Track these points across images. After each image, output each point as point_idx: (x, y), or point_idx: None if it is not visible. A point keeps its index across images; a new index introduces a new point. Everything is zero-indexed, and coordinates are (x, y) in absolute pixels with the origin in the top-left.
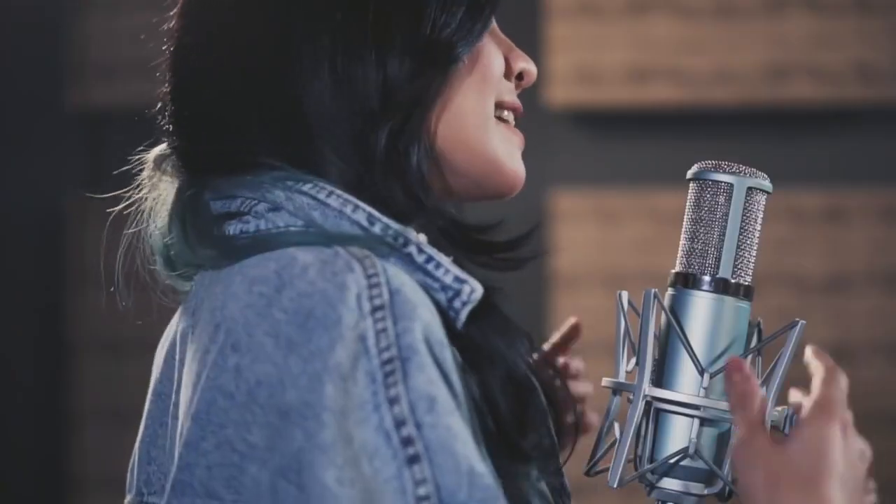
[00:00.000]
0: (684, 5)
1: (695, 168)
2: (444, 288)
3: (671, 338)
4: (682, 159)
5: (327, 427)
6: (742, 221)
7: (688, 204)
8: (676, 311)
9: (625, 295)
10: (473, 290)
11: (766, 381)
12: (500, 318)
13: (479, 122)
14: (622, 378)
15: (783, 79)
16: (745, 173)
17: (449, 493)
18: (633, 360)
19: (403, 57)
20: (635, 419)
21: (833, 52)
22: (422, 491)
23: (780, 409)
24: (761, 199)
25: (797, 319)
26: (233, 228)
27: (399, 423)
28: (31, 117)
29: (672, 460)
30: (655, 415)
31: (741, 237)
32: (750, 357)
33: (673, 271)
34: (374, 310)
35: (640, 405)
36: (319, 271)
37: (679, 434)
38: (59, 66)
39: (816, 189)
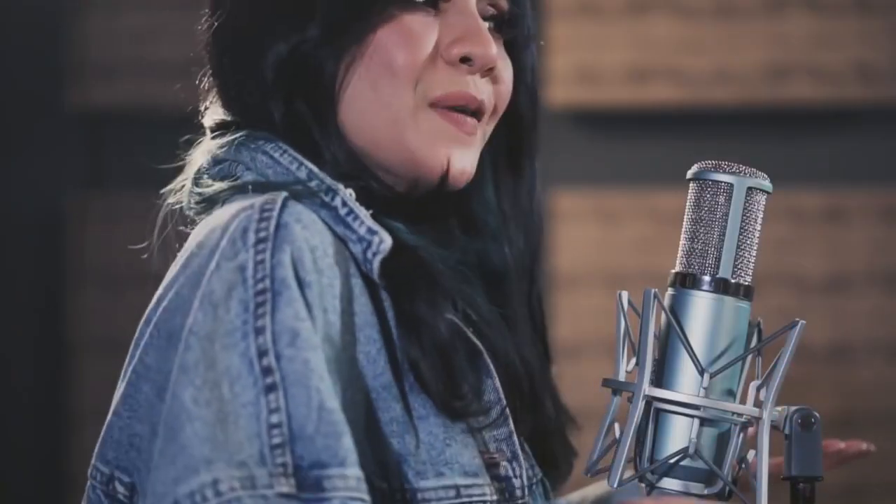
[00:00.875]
0: (684, 5)
1: (695, 168)
2: (360, 239)
3: (671, 338)
4: (682, 159)
5: (192, 350)
6: (742, 221)
7: (688, 204)
8: (676, 311)
9: (625, 295)
10: (382, 240)
11: (766, 381)
12: (421, 278)
13: (392, 116)
14: (622, 378)
15: (783, 79)
16: (745, 173)
17: (299, 424)
18: (633, 360)
19: (288, 39)
20: (635, 419)
21: (833, 52)
22: (274, 419)
23: (780, 409)
24: (761, 199)
25: (797, 319)
26: (215, 187)
27: (261, 353)
28: (31, 117)
29: (672, 460)
30: (655, 415)
31: (741, 237)
32: (750, 357)
33: (673, 271)
34: (258, 242)
35: (640, 405)
36: (231, 211)
37: (679, 434)
38: (59, 66)
39: (816, 189)
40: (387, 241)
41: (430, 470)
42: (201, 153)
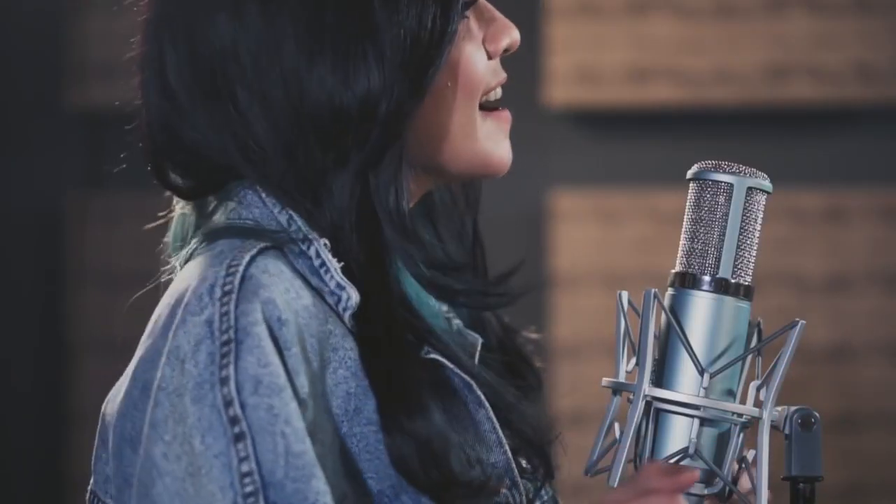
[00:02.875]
0: (684, 5)
1: (695, 168)
2: (331, 292)
3: (671, 338)
4: (682, 159)
5: (160, 405)
6: (742, 221)
7: (688, 204)
8: (676, 311)
9: (625, 295)
10: (349, 297)
11: (766, 381)
12: (385, 331)
13: (464, 131)
14: (622, 378)
15: (783, 79)
16: (745, 173)
17: (268, 470)
18: (633, 360)
19: (367, 74)
20: (635, 419)
21: (833, 52)
22: (245, 467)
23: (780, 409)
24: (761, 199)
25: (797, 319)
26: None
27: (227, 403)
28: (31, 117)
29: (672, 460)
30: (655, 415)
31: (741, 237)
32: (750, 357)
33: (673, 271)
34: (223, 295)
35: (640, 405)
36: (203, 262)
37: (679, 434)
38: (59, 66)
39: (816, 189)
40: (354, 298)
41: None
42: (180, 215)
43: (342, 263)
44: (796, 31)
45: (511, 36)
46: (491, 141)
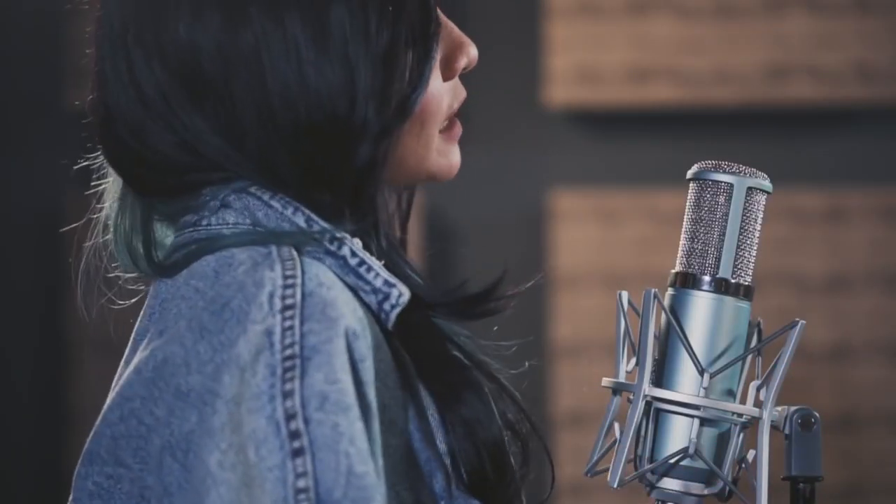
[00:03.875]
0: (684, 5)
1: (695, 168)
2: (375, 291)
3: (671, 338)
4: (682, 159)
5: (218, 413)
6: (742, 221)
7: (688, 204)
8: (676, 311)
9: (625, 295)
10: (401, 293)
11: (766, 381)
12: (430, 338)
13: (421, 153)
14: (622, 378)
15: (783, 79)
16: (745, 173)
17: (326, 488)
18: (633, 360)
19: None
20: (635, 419)
21: (833, 52)
22: (301, 483)
23: (780, 409)
24: (761, 199)
25: (797, 319)
26: (185, 238)
27: (289, 416)
28: (31, 117)
29: (672, 460)
30: (655, 415)
31: (741, 237)
32: (750, 357)
33: (673, 271)
34: (285, 308)
35: (640, 405)
36: (247, 269)
37: (679, 434)
38: (59, 66)
39: (816, 189)
40: (406, 294)
41: None
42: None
43: (382, 261)
44: (796, 31)
45: (468, 55)
46: (443, 157)
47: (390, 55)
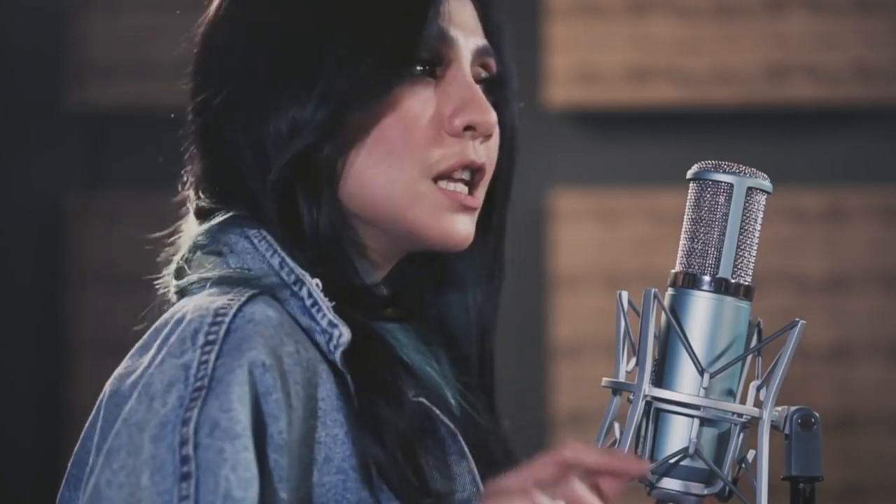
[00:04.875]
0: (684, 5)
1: (695, 168)
2: (322, 331)
3: (671, 338)
4: (682, 159)
5: (118, 436)
6: (742, 221)
7: (688, 204)
8: (676, 311)
9: (625, 295)
10: (342, 334)
11: (766, 381)
12: (382, 371)
13: (393, 195)
14: (622, 378)
15: (783, 79)
16: (745, 173)
17: None
18: (633, 360)
19: (296, 113)
20: (635, 419)
21: (833, 52)
22: None
23: (780, 409)
24: (761, 199)
25: (797, 319)
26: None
27: (183, 442)
28: (31, 117)
29: (672, 460)
30: (655, 415)
31: (741, 237)
32: (750, 357)
33: (673, 271)
34: (206, 343)
35: (640, 405)
36: (194, 306)
37: (679, 434)
38: (59, 66)
39: (816, 189)
40: (346, 335)
41: None
42: (186, 238)
43: (334, 303)
44: (796, 31)
45: (472, 116)
46: (429, 215)
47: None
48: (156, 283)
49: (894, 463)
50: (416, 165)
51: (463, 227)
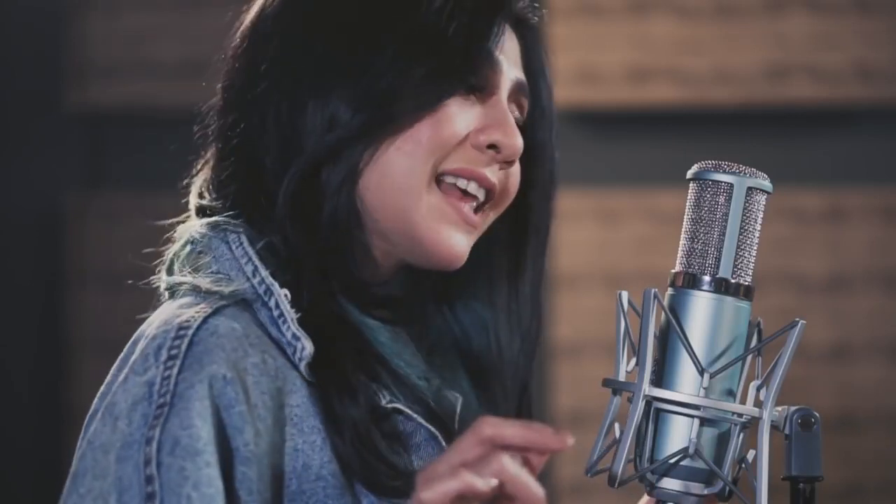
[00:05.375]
0: (684, 5)
1: (695, 168)
2: (288, 343)
3: (671, 338)
4: (682, 159)
5: (84, 458)
6: (742, 221)
7: (688, 204)
8: (676, 311)
9: (625, 295)
10: (304, 347)
11: (766, 381)
12: (336, 377)
13: (407, 187)
14: (622, 378)
15: (783, 79)
16: (745, 173)
17: None
18: (633, 360)
19: (337, 109)
20: (635, 419)
21: (833, 52)
22: None
23: (780, 409)
24: (761, 199)
25: (797, 319)
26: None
27: (147, 462)
28: (31, 117)
29: (672, 460)
30: (655, 415)
31: (741, 237)
32: (750, 357)
33: (673, 271)
34: (169, 359)
35: (640, 405)
36: (159, 322)
37: (679, 434)
38: (59, 66)
39: (816, 189)
40: (308, 349)
41: None
42: (182, 233)
43: (299, 314)
44: (796, 31)
45: (500, 136)
46: (430, 219)
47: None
48: (153, 281)
49: (894, 463)
50: (431, 162)
51: (456, 243)
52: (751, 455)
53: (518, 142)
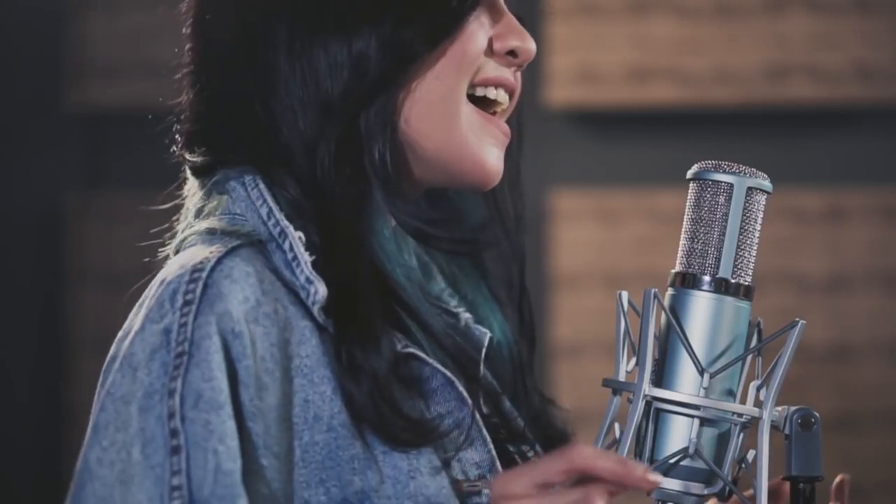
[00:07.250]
0: (684, 5)
1: (695, 168)
2: (301, 287)
3: (671, 338)
4: (682, 159)
5: (104, 410)
6: (742, 221)
7: (688, 204)
8: (676, 311)
9: (625, 295)
10: (317, 290)
11: (766, 381)
12: (357, 325)
13: (446, 110)
14: (622, 378)
15: (783, 79)
16: (745, 173)
17: (197, 486)
18: (633, 360)
19: (368, 42)
20: (635, 419)
21: (833, 52)
22: (175, 481)
23: (780, 409)
24: (761, 199)
25: (797, 319)
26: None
27: (171, 415)
28: (31, 117)
29: (672, 460)
30: (655, 415)
31: (741, 237)
32: (750, 357)
33: (673, 271)
34: (185, 304)
35: (640, 405)
36: (171, 267)
37: (679, 434)
38: (59, 66)
39: (816, 189)
40: (321, 292)
41: None
42: (190, 205)
43: (314, 257)
44: (796, 31)
45: (520, 40)
46: (473, 135)
47: None
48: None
49: (894, 463)
50: (464, 83)
51: (496, 159)
52: (751, 455)
53: (532, 45)
